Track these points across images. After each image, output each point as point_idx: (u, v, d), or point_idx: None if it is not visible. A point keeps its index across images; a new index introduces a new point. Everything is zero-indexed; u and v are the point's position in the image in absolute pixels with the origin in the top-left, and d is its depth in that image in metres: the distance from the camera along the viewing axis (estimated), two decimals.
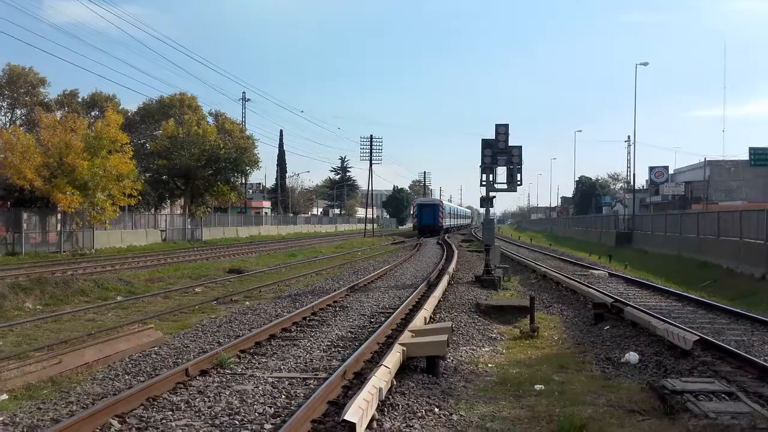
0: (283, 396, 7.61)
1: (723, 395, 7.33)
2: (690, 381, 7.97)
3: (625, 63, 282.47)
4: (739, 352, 9.70)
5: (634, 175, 63.49)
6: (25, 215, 35.21)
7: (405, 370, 8.56)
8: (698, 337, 10.01)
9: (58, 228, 37.72)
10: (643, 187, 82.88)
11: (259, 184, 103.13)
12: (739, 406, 6.91)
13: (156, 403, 7.22)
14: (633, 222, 51.82)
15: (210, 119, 62.10)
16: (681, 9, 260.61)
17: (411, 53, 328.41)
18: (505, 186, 20.89)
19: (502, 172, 20.84)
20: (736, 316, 13.91)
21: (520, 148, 20.54)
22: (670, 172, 76.63)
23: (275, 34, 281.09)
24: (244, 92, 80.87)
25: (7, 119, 59.60)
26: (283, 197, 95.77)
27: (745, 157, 56.16)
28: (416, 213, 69.85)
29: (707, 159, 65.81)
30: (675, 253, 34.27)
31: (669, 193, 72.51)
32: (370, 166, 77.35)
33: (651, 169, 76.22)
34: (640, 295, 18.12)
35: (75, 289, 17.04)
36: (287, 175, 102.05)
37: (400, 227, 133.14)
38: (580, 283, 18.95)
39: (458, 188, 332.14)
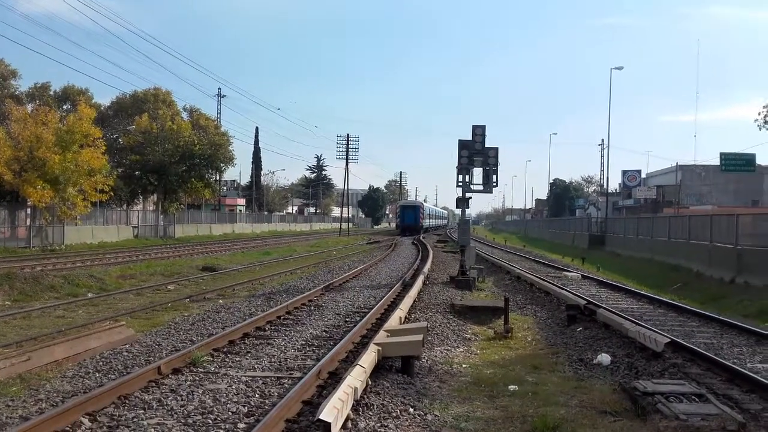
0: (257, 395, 7.55)
1: (693, 397, 7.42)
2: (661, 383, 8.06)
3: (600, 67, 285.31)
4: (709, 354, 9.85)
5: (607, 178, 64.43)
6: None
7: (380, 369, 8.54)
8: (669, 340, 10.14)
9: (28, 223, 37.08)
10: (616, 190, 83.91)
11: (234, 181, 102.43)
12: (709, 408, 7.01)
13: (128, 401, 7.13)
14: (606, 225, 52.36)
15: (184, 115, 61.48)
16: (655, 14, 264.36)
17: (389, 53, 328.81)
18: (481, 187, 21.00)
19: (478, 174, 20.98)
20: (706, 319, 14.12)
21: (496, 149, 20.66)
22: (643, 176, 77.69)
23: (252, 30, 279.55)
24: (219, 88, 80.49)
25: None
26: (258, 195, 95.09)
27: (717, 162, 57.02)
28: (399, 213, 76.28)
29: (679, 163, 66.90)
30: (647, 256, 34.70)
31: (641, 197, 73.54)
32: (347, 165, 77.24)
33: (624, 172, 77.21)
34: (613, 297, 18.32)
35: (45, 285, 16.77)
36: (262, 172, 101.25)
37: (375, 227, 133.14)
38: (554, 284, 19.11)
39: (434, 188, 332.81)
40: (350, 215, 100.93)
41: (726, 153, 54.34)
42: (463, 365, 9.97)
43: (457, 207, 22.16)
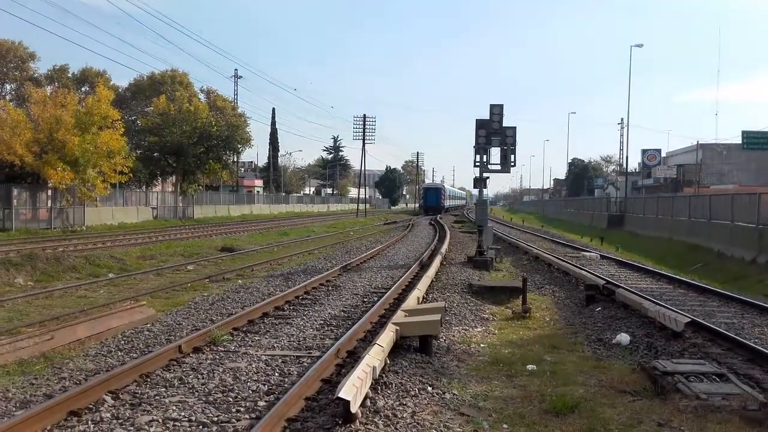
0: (276, 374, 7.61)
1: (714, 377, 7.38)
2: (681, 362, 8.03)
3: (619, 44, 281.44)
4: (729, 334, 9.77)
5: (626, 157, 63.74)
6: (15, 191, 34.94)
7: (398, 349, 8.57)
8: (689, 319, 10.07)
9: (49, 204, 37.48)
10: (635, 169, 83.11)
11: (251, 162, 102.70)
12: (730, 388, 6.97)
13: (149, 379, 7.22)
14: (625, 205, 51.95)
15: (202, 96, 61.74)
16: None
17: (405, 33, 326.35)
18: (498, 167, 20.86)
19: (495, 153, 20.82)
20: (727, 299, 14.00)
21: (514, 128, 20.47)
22: (663, 155, 76.72)
23: (269, 10, 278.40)
24: (236, 69, 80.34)
25: None
26: (275, 176, 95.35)
27: (738, 140, 56.20)
28: (423, 195, 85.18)
29: (700, 142, 65.92)
30: (666, 236, 34.41)
31: (661, 176, 72.73)
32: (363, 145, 76.87)
33: (643, 151, 76.30)
34: (632, 277, 18.20)
35: (66, 265, 16.97)
36: (280, 153, 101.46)
37: (392, 207, 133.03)
38: (572, 264, 19.01)
39: (451, 168, 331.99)
40: (367, 196, 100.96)
41: (748, 131, 53.60)
42: (481, 345, 9.98)
43: (475, 187, 22.04)
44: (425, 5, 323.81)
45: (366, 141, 76.98)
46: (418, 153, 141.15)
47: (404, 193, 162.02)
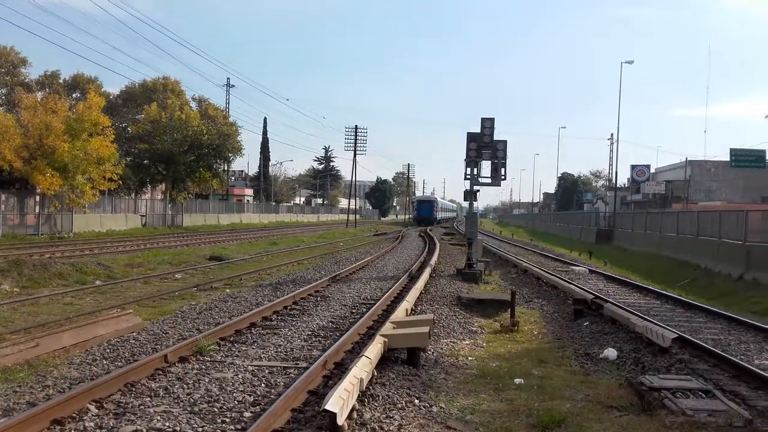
0: (263, 384, 7.57)
1: (700, 393, 7.39)
2: (668, 378, 8.03)
3: (610, 60, 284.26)
4: (716, 350, 9.81)
5: (616, 173, 64.04)
6: (2, 196, 34.77)
7: (386, 361, 8.54)
8: (676, 335, 10.10)
9: (37, 210, 37.25)
10: (624, 185, 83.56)
11: (242, 171, 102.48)
12: (716, 404, 6.98)
13: (134, 389, 7.15)
14: (614, 220, 52.20)
15: (193, 104, 61.57)
16: (668, 6, 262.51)
17: (397, 45, 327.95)
18: (489, 180, 20.94)
19: (486, 166, 20.93)
20: (714, 315, 14.07)
21: (505, 142, 20.61)
22: (652, 170, 77.18)
23: (261, 19, 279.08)
24: (228, 78, 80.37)
25: None
26: (265, 185, 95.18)
27: (726, 158, 56.78)
28: (416, 207, 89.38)
29: (688, 159, 66.50)
30: (655, 251, 34.59)
31: (650, 192, 73.09)
32: (354, 156, 76.77)
33: (633, 167, 76.66)
34: (620, 292, 18.27)
35: (53, 272, 16.83)
36: (270, 163, 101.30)
37: (382, 218, 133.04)
38: (561, 278, 19.06)
39: (441, 180, 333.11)
40: (357, 207, 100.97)
41: (736, 149, 54.21)
42: (469, 358, 9.96)
43: (465, 200, 22.12)
44: (418, 18, 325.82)
45: (357, 152, 76.98)
46: (409, 165, 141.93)
47: (394, 204, 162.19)
